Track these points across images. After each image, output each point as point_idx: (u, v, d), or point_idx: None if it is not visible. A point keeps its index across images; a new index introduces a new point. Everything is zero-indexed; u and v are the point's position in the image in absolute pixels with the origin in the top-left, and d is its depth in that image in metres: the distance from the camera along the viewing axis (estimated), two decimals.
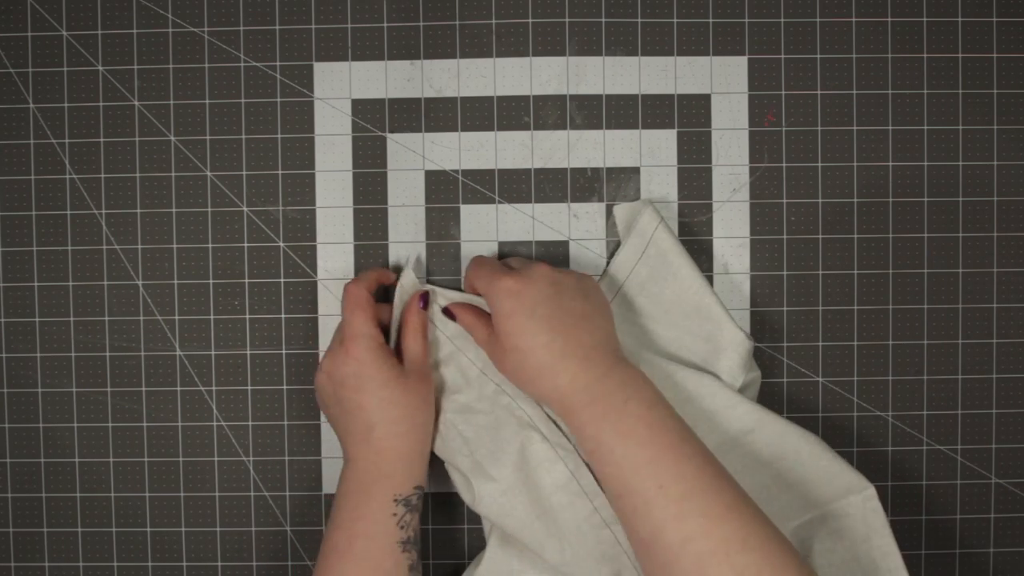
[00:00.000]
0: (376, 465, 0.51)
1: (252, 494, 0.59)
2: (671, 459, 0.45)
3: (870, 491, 0.52)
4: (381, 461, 0.51)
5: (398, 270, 0.58)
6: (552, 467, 0.53)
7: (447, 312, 0.55)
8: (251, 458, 0.59)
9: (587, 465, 0.52)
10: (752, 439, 0.53)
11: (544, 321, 0.48)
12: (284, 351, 0.59)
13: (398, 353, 0.54)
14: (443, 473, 0.59)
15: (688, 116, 0.58)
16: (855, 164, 0.58)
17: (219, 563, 0.59)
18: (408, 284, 0.57)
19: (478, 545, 0.59)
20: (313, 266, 0.59)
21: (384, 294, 0.58)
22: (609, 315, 0.51)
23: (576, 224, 0.59)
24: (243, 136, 0.58)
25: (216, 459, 0.59)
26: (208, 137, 0.58)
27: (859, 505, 0.52)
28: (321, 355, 0.59)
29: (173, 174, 0.59)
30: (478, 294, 0.54)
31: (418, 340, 0.54)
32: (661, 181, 0.58)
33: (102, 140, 0.58)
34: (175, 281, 0.59)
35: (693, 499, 0.44)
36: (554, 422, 0.54)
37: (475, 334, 0.53)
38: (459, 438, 0.54)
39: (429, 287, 0.56)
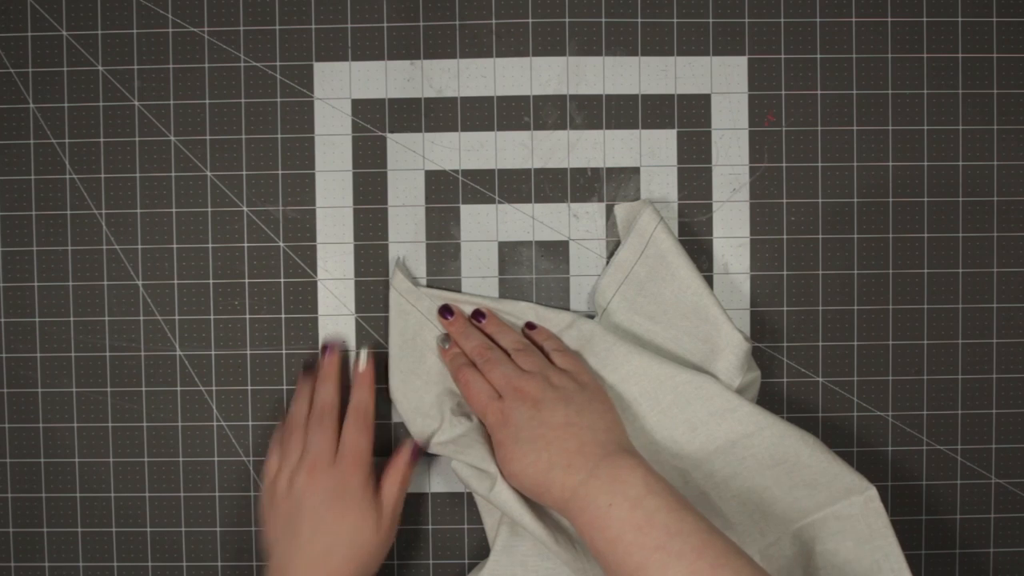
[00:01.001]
0: None
1: (252, 494, 0.59)
2: (659, 562, 0.44)
3: (871, 492, 0.52)
4: None
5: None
6: None
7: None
8: (251, 458, 0.59)
9: None
10: (752, 442, 0.53)
11: (528, 443, 0.50)
12: (284, 351, 0.59)
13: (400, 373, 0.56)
14: (444, 473, 0.59)
15: (688, 116, 0.58)
16: (855, 164, 0.58)
17: (219, 563, 0.59)
18: (402, 287, 0.57)
19: (478, 545, 0.59)
20: (313, 266, 0.59)
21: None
22: (598, 409, 0.51)
23: (576, 224, 0.59)
24: (243, 136, 0.58)
25: (216, 459, 0.59)
26: (208, 137, 0.58)
27: (861, 506, 0.52)
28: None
29: (173, 174, 0.59)
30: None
31: (396, 487, 0.54)
32: (661, 181, 0.58)
33: (102, 140, 0.58)
34: (175, 281, 0.59)
35: None
36: None
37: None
38: (468, 437, 0.55)
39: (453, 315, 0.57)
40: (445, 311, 0.56)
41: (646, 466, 0.48)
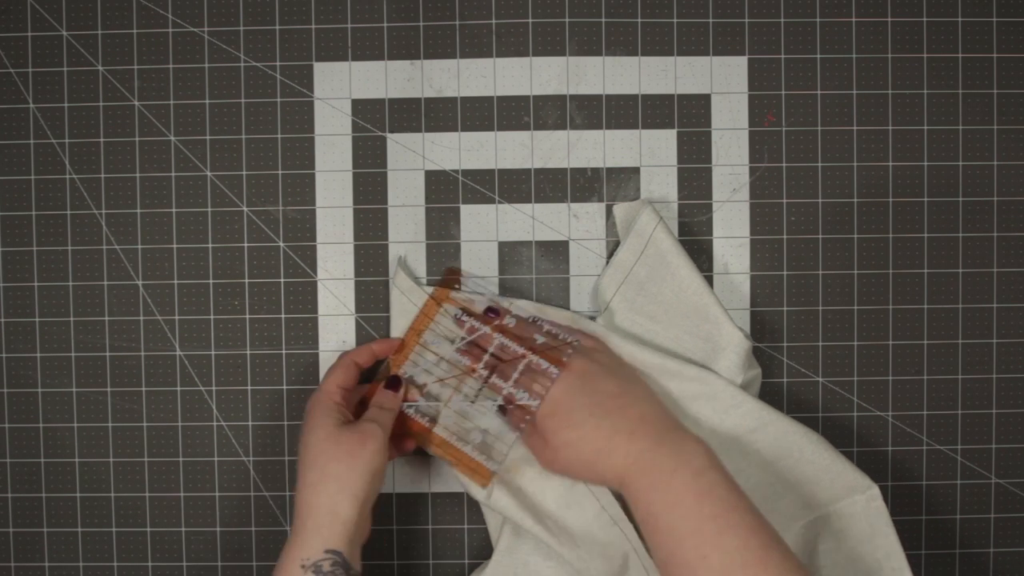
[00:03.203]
0: (292, 526, 0.49)
1: (252, 494, 0.59)
2: (714, 530, 0.44)
3: (874, 491, 0.52)
4: (295, 520, 0.49)
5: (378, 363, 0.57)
6: None
7: (501, 409, 0.53)
8: (251, 458, 0.59)
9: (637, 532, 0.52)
10: (756, 438, 0.53)
11: (586, 408, 0.49)
12: (284, 351, 0.59)
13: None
14: (444, 473, 0.59)
15: (688, 116, 0.58)
16: (855, 164, 0.58)
17: (219, 563, 0.59)
18: (404, 285, 0.57)
19: (479, 545, 0.59)
20: (313, 266, 0.59)
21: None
22: (642, 383, 0.52)
23: (576, 224, 0.59)
24: (243, 136, 0.58)
25: (216, 459, 0.59)
26: (208, 137, 0.58)
27: (863, 505, 0.52)
28: (321, 355, 0.59)
29: (173, 174, 0.59)
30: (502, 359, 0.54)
31: (384, 407, 0.53)
32: (661, 181, 0.58)
33: (102, 140, 0.58)
34: (175, 281, 0.59)
35: (734, 572, 0.43)
36: None
37: (525, 441, 0.53)
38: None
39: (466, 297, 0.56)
40: (490, 312, 0.55)
41: (707, 445, 0.48)
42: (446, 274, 0.58)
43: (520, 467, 0.54)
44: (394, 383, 0.54)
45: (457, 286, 0.57)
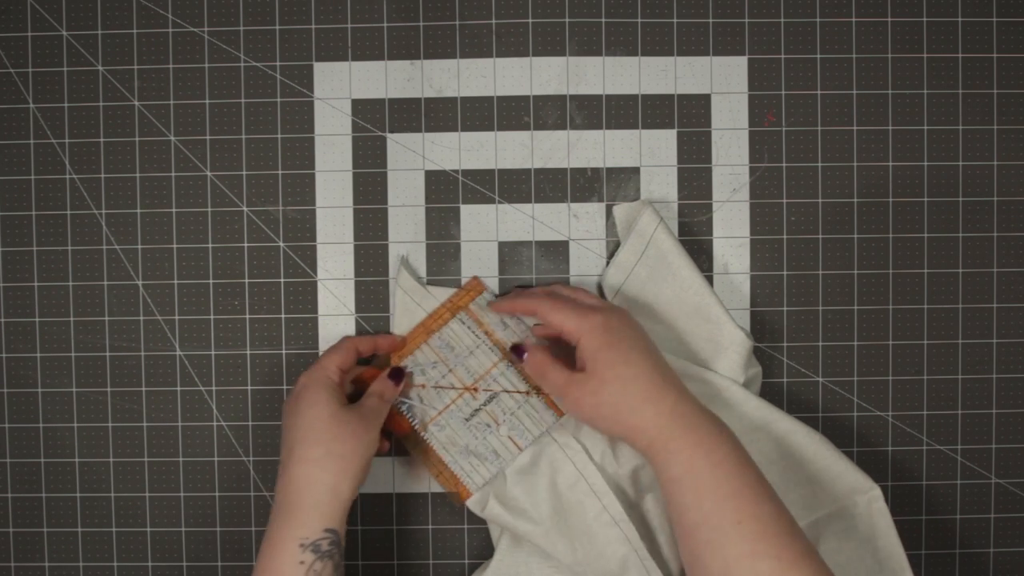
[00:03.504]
0: (284, 501, 0.48)
1: (252, 494, 0.59)
2: (752, 497, 0.45)
3: (876, 492, 0.52)
4: (288, 495, 0.48)
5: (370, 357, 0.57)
6: (561, 467, 0.53)
7: (515, 350, 0.53)
8: (251, 458, 0.59)
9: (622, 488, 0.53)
10: (758, 437, 0.53)
11: (640, 352, 0.49)
12: (284, 351, 0.59)
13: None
14: None
15: (688, 116, 0.58)
16: (855, 164, 0.58)
17: (219, 563, 0.59)
18: (407, 285, 0.57)
19: (479, 545, 0.59)
20: (313, 266, 0.59)
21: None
22: None
23: (576, 224, 0.59)
24: (243, 136, 0.58)
25: (216, 459, 0.59)
26: (208, 137, 0.58)
27: (864, 506, 0.52)
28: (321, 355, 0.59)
29: (173, 174, 0.59)
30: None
31: (383, 398, 0.53)
32: (661, 181, 0.58)
33: (102, 140, 0.58)
34: (175, 281, 0.59)
35: (768, 540, 0.44)
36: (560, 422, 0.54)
37: (549, 376, 0.50)
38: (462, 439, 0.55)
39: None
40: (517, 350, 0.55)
41: None
42: (471, 282, 0.58)
43: (498, 490, 0.54)
44: (396, 375, 0.54)
45: (477, 293, 0.57)
